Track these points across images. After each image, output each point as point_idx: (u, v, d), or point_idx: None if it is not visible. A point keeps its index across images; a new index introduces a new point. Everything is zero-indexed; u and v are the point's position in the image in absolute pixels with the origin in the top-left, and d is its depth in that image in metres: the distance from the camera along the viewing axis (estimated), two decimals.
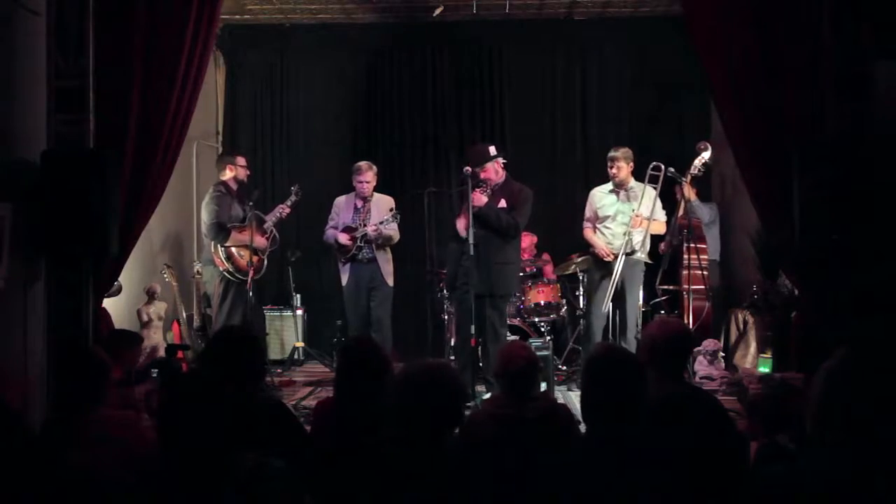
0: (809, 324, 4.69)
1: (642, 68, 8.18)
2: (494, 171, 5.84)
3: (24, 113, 4.45)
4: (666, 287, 6.94)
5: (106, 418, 2.99)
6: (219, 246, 6.38)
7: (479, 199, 5.68)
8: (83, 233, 4.32)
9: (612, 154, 6.29)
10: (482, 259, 5.57)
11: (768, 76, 4.68)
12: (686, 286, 6.61)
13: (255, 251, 6.45)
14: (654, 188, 6.14)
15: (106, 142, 4.70)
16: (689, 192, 6.63)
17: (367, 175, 6.57)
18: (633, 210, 6.08)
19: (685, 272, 6.70)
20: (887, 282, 4.27)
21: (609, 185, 6.32)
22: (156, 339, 6.43)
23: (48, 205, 4.31)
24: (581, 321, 6.79)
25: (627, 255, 6.04)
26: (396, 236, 6.65)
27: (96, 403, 3.02)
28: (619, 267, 6.00)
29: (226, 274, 6.39)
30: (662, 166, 6.16)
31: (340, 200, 6.76)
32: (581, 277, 7.14)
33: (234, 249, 6.40)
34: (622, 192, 6.24)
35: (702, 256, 6.56)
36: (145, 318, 6.49)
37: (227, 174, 6.62)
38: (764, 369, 6.22)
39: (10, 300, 4.26)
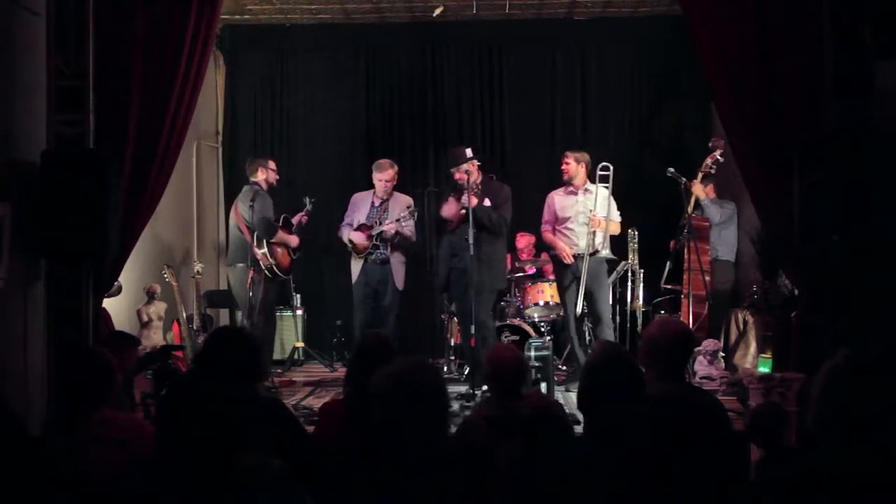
0: (809, 324, 4.68)
1: (642, 68, 8.19)
2: (466, 171, 5.88)
3: (24, 113, 4.45)
4: (669, 287, 6.95)
5: (107, 419, 2.99)
6: (264, 241, 6.36)
7: (471, 200, 5.77)
8: (83, 233, 4.32)
9: (566, 152, 6.43)
10: (474, 257, 5.71)
11: (768, 76, 4.68)
12: (686, 287, 6.61)
13: (288, 250, 6.52)
14: (606, 188, 6.26)
15: (106, 142, 4.70)
16: (699, 190, 6.64)
17: (389, 173, 6.50)
18: (591, 210, 6.17)
19: (685, 273, 6.70)
20: (887, 282, 4.27)
21: (564, 188, 6.41)
22: (156, 339, 6.42)
23: (48, 205, 4.31)
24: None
25: (591, 255, 6.13)
26: (413, 236, 6.62)
27: (98, 404, 3.02)
28: (585, 267, 6.09)
29: (267, 273, 6.38)
30: (611, 166, 6.28)
31: (357, 197, 6.69)
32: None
33: (276, 246, 6.43)
34: (579, 193, 6.30)
35: (703, 258, 6.55)
36: (145, 318, 6.49)
37: (259, 176, 6.56)
38: (764, 369, 6.21)
39: (10, 300, 4.27)
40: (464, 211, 5.76)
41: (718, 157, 6.44)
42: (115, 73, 4.73)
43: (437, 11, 7.59)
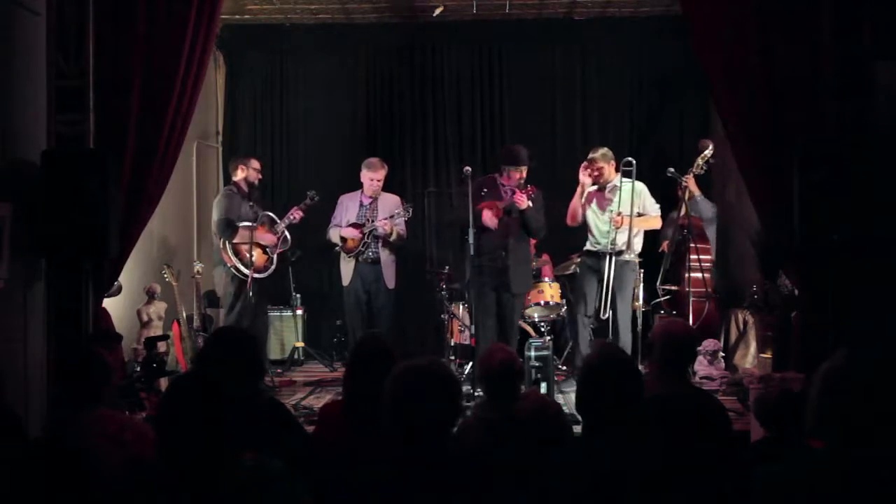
0: (809, 324, 4.68)
1: (642, 68, 8.19)
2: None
3: (24, 113, 4.45)
4: (667, 287, 6.94)
5: (105, 418, 2.98)
6: (227, 242, 6.38)
7: (523, 201, 5.83)
8: (83, 233, 4.32)
9: (592, 157, 6.22)
10: (513, 258, 5.86)
11: (768, 76, 4.68)
12: (686, 286, 6.61)
13: (263, 249, 6.46)
14: (629, 182, 6.14)
15: (106, 142, 4.70)
16: (693, 187, 6.68)
17: (380, 173, 6.56)
18: (611, 210, 6.07)
19: (685, 272, 6.70)
20: (887, 282, 4.27)
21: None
22: None
23: (48, 205, 4.31)
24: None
25: (615, 255, 6.04)
26: (406, 233, 6.62)
27: (96, 404, 3.02)
28: (609, 267, 6.01)
29: (234, 271, 6.39)
30: (634, 161, 6.12)
31: (345, 198, 6.75)
32: None
33: (242, 246, 6.40)
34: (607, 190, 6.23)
35: (703, 256, 6.56)
36: (145, 318, 6.48)
37: (239, 175, 6.62)
38: None
39: (10, 300, 4.27)
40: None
41: (710, 159, 6.46)
42: (115, 73, 4.74)
43: (437, 11, 7.59)
